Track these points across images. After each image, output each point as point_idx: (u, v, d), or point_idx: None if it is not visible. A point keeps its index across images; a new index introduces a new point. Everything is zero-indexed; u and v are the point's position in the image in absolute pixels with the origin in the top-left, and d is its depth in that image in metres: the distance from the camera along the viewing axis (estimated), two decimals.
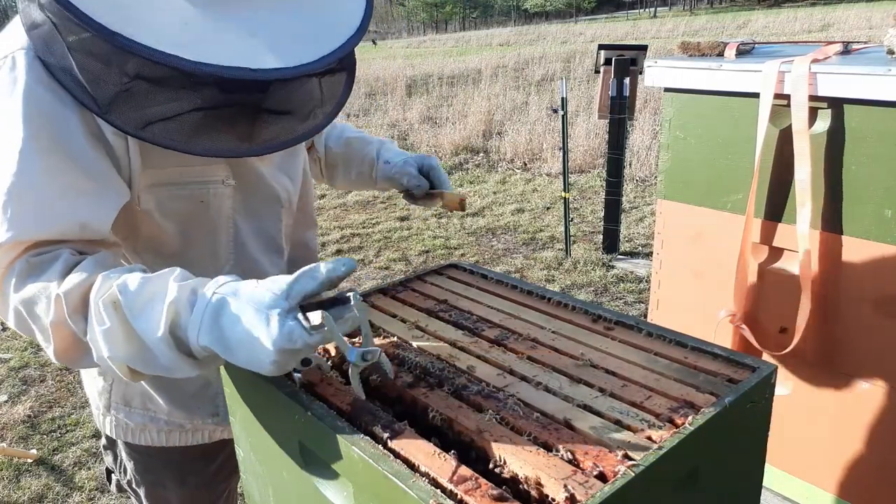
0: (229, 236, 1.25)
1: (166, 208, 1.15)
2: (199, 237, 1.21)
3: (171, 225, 1.17)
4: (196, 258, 1.21)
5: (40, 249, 0.99)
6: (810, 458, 1.79)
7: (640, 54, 4.58)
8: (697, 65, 1.77)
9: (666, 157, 1.92)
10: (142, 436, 1.33)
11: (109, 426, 1.35)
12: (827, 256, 1.64)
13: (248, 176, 1.24)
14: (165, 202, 1.15)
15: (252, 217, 1.27)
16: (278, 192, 1.29)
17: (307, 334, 0.82)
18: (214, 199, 1.20)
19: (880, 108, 1.49)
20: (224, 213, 1.22)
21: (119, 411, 1.33)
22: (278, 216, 1.31)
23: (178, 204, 1.16)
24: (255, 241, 1.28)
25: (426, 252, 5.20)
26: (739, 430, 0.93)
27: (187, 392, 1.30)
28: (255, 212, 1.27)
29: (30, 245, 0.98)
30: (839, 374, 1.69)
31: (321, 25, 1.00)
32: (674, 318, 1.99)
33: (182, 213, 1.17)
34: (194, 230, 1.20)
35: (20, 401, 3.47)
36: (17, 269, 0.97)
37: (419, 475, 0.77)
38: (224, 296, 0.86)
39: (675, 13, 47.17)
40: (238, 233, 1.25)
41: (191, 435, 1.34)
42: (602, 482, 0.74)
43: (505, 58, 16.06)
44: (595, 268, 4.73)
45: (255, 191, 1.25)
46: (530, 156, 7.80)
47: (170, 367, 0.90)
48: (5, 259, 0.98)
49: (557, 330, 1.11)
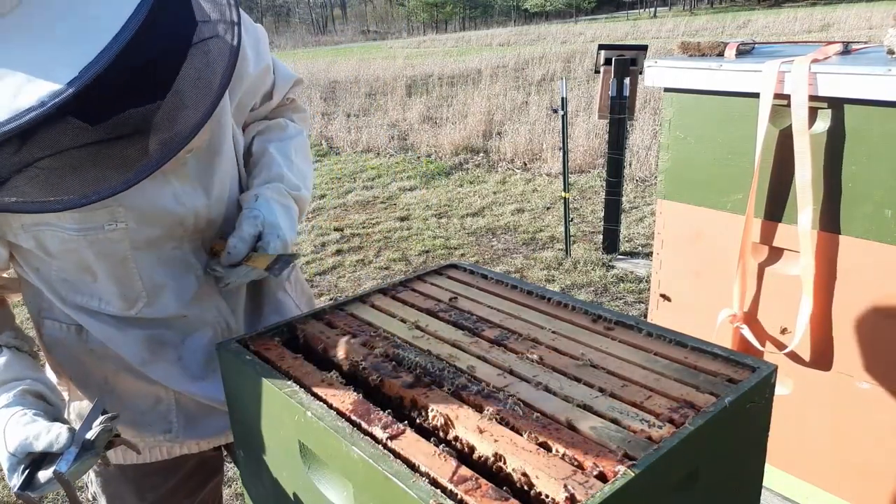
0: (133, 274, 1.13)
1: (51, 249, 1.07)
2: (102, 277, 1.12)
3: (65, 264, 1.10)
4: (109, 296, 1.15)
5: None
6: (810, 458, 1.79)
7: (640, 54, 4.58)
8: (697, 65, 1.77)
9: (666, 157, 1.92)
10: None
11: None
12: (827, 256, 1.64)
13: (144, 209, 1.09)
14: (47, 243, 1.06)
15: (153, 247, 1.14)
16: (182, 217, 1.13)
17: (20, 490, 0.96)
18: (99, 244, 1.07)
19: (880, 108, 1.49)
20: (119, 256, 1.10)
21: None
22: (179, 237, 1.16)
23: (61, 246, 1.07)
24: (164, 268, 1.16)
25: (426, 252, 5.20)
26: (739, 430, 0.93)
27: (138, 409, 1.25)
28: (154, 243, 1.13)
29: None
30: (839, 375, 1.69)
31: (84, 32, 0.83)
32: (674, 318, 1.99)
33: (71, 254, 1.08)
34: (95, 268, 1.11)
35: None
36: None
37: (419, 475, 0.77)
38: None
39: (675, 13, 47.16)
40: (142, 268, 1.13)
41: (148, 452, 1.28)
42: (602, 482, 0.74)
43: (505, 58, 16.06)
44: (595, 268, 4.73)
45: (153, 223, 1.11)
46: (530, 156, 7.80)
47: None
48: None
49: (557, 330, 1.11)
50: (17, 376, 1.07)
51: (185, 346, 1.22)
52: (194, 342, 1.23)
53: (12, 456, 0.96)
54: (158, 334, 1.20)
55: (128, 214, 1.07)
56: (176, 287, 1.18)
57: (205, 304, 1.22)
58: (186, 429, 1.27)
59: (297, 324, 1.18)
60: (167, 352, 1.21)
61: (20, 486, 0.96)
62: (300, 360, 1.05)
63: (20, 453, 0.96)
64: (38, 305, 1.21)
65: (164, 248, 1.15)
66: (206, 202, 1.16)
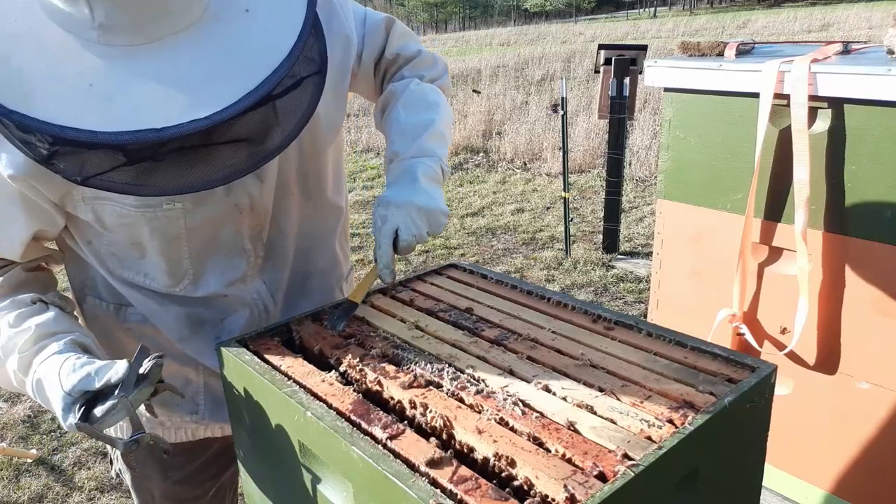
0: (184, 252, 1.18)
1: (107, 222, 1.11)
2: (152, 253, 1.16)
3: (119, 237, 1.14)
4: (155, 272, 1.19)
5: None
6: (810, 458, 1.79)
7: (640, 54, 4.58)
8: (697, 65, 1.77)
9: (666, 157, 1.92)
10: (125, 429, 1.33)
11: None
12: (827, 256, 1.64)
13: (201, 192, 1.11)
14: (105, 216, 1.10)
15: (208, 228, 1.18)
16: (237, 201, 1.18)
17: (77, 430, 0.97)
18: (157, 220, 1.12)
19: (880, 108, 1.49)
20: (172, 234, 1.14)
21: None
22: (236, 221, 1.20)
23: (119, 220, 1.11)
24: (214, 250, 1.20)
25: (426, 252, 5.20)
26: (739, 430, 0.93)
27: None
28: (210, 224, 1.18)
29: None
30: (839, 374, 1.69)
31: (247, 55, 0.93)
32: (674, 318, 1.99)
33: (126, 228, 1.12)
34: (146, 244, 1.15)
35: (20, 401, 3.47)
36: None
37: (419, 475, 0.77)
38: (40, 378, 1.03)
39: (675, 13, 47.17)
40: (193, 247, 1.18)
41: (172, 432, 1.34)
42: (602, 482, 0.74)
43: (505, 57, 16.06)
44: (595, 268, 4.73)
45: (210, 206, 1.15)
46: (530, 156, 7.80)
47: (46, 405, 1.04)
48: None
49: (557, 330, 1.11)
50: (66, 329, 1.10)
51: (223, 325, 1.27)
52: (232, 322, 1.27)
53: (67, 395, 0.97)
54: (198, 312, 1.24)
55: (185, 196, 1.11)
56: (223, 268, 1.22)
57: (247, 285, 1.26)
58: (212, 412, 1.32)
59: (296, 324, 1.18)
60: (205, 330, 1.26)
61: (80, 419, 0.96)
62: (300, 360, 1.05)
63: (77, 392, 0.97)
64: (82, 281, 1.27)
65: (219, 231, 1.19)
66: (260, 189, 1.19)
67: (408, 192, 1.20)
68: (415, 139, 1.29)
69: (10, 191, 1.05)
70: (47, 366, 1.02)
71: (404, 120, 1.31)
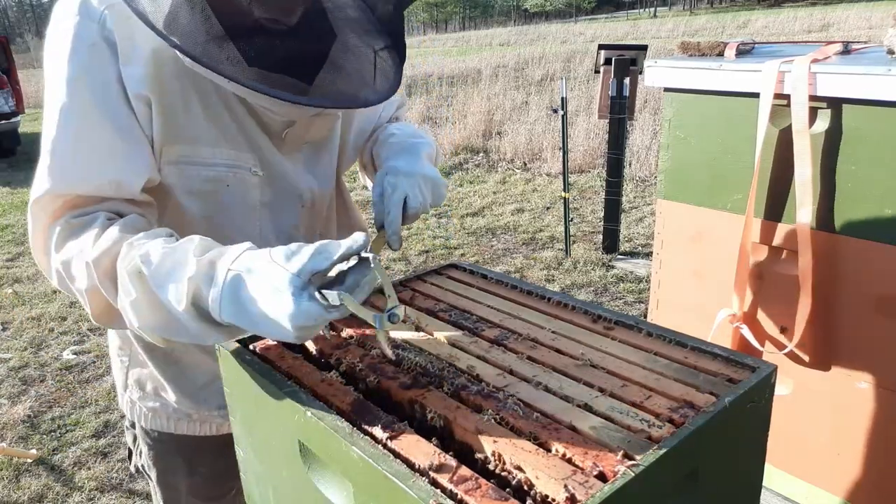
0: (254, 229, 1.22)
1: (190, 187, 1.14)
2: (225, 226, 1.19)
3: (196, 206, 1.16)
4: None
5: (79, 210, 1.03)
6: (810, 458, 1.79)
7: (640, 54, 4.58)
8: (697, 65, 1.77)
9: (666, 157, 1.92)
10: (153, 420, 1.36)
11: (126, 405, 1.38)
12: (827, 256, 1.64)
13: (275, 169, 1.22)
14: (190, 181, 1.14)
15: (274, 212, 1.24)
16: (302, 191, 1.26)
17: (325, 312, 0.82)
18: (241, 185, 1.17)
19: (880, 108, 1.49)
20: (249, 204, 1.20)
21: (134, 393, 1.36)
22: (297, 215, 1.28)
23: (203, 185, 1.15)
24: (275, 237, 1.26)
25: (426, 252, 5.20)
26: (739, 430, 0.93)
27: (196, 383, 1.32)
28: (277, 207, 1.24)
29: (68, 200, 1.03)
30: (839, 374, 1.69)
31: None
32: (674, 318, 1.99)
33: (206, 195, 1.16)
34: (220, 217, 1.19)
35: (20, 401, 3.47)
36: (58, 230, 1.02)
37: (419, 475, 0.77)
38: (239, 273, 0.85)
39: (675, 13, 47.16)
40: (262, 227, 1.23)
41: (198, 425, 1.35)
42: (602, 482, 0.73)
43: (505, 57, 16.06)
44: (595, 268, 4.74)
45: (279, 186, 1.23)
46: (530, 156, 7.80)
47: (199, 335, 0.91)
48: (45, 214, 1.03)
49: (557, 330, 1.11)
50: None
51: None
52: None
53: (296, 277, 0.82)
54: None
55: (266, 169, 1.19)
56: None
57: None
58: None
59: None
60: None
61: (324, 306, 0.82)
62: (300, 359, 1.05)
63: (307, 272, 0.83)
64: None
65: (281, 216, 1.25)
66: (316, 186, 1.29)
67: (413, 164, 1.24)
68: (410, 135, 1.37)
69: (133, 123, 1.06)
70: (247, 259, 0.87)
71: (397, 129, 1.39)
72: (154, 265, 0.91)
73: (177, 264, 0.90)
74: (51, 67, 1.04)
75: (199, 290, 0.88)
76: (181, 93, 1.10)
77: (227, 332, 0.93)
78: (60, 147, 1.02)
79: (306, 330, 0.84)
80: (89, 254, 0.97)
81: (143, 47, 1.05)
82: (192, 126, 1.11)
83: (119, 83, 1.04)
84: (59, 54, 1.03)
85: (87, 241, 0.99)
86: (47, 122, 1.04)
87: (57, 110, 1.02)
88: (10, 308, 4.63)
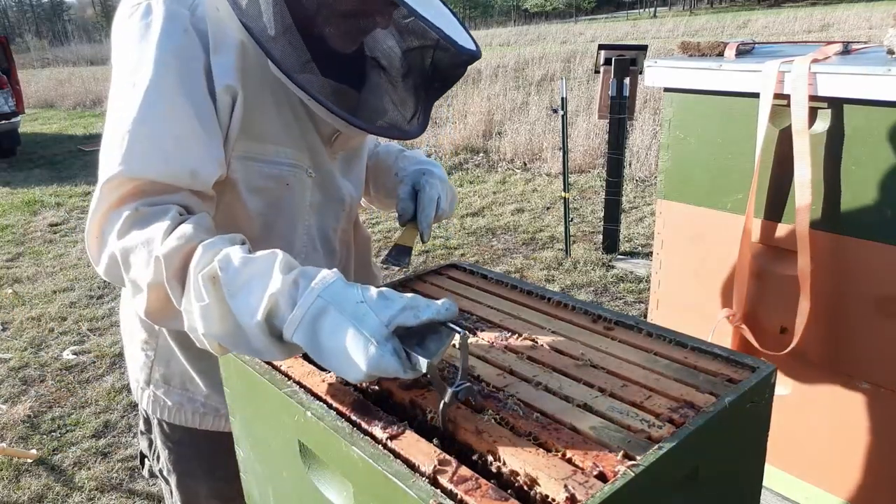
0: (305, 229, 1.25)
1: (253, 183, 1.15)
2: (278, 225, 1.21)
3: (254, 203, 1.17)
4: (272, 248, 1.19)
5: (151, 199, 0.99)
6: (810, 458, 1.79)
7: (640, 54, 4.58)
8: (697, 65, 1.77)
9: (666, 157, 1.92)
10: (177, 415, 1.33)
11: (147, 401, 1.35)
12: (827, 256, 1.64)
13: (325, 172, 1.25)
14: (253, 177, 1.15)
15: (320, 214, 1.28)
16: (343, 195, 1.30)
17: (402, 370, 0.81)
18: (298, 185, 1.20)
19: (880, 108, 1.49)
20: (303, 204, 1.23)
21: (158, 388, 1.33)
22: (338, 218, 1.32)
23: (265, 182, 1.16)
24: (320, 239, 1.29)
25: (426, 252, 5.20)
26: (739, 430, 0.93)
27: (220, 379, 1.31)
28: (323, 209, 1.28)
29: (139, 185, 0.98)
30: (839, 374, 1.69)
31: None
32: (674, 318, 1.99)
33: (266, 193, 1.17)
34: (275, 215, 1.20)
35: (20, 401, 3.47)
36: (126, 215, 0.96)
37: (419, 475, 0.77)
38: (328, 303, 0.83)
39: (675, 13, 47.16)
40: (311, 227, 1.26)
41: (224, 420, 1.33)
42: (602, 482, 0.73)
43: (505, 58, 16.05)
44: (595, 268, 4.74)
45: (327, 189, 1.27)
46: (530, 156, 7.80)
47: (261, 350, 0.89)
48: (112, 196, 0.98)
49: (557, 330, 1.11)
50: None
51: None
52: None
53: (384, 327, 0.80)
54: None
55: (318, 171, 1.23)
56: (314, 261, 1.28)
57: None
58: None
59: None
60: None
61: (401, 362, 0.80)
62: (300, 360, 1.05)
63: (394, 324, 0.81)
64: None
65: (326, 220, 1.29)
66: (354, 191, 1.34)
67: (443, 174, 1.38)
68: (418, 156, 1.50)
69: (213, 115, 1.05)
70: (338, 291, 0.84)
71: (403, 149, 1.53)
72: (232, 272, 0.88)
73: (257, 276, 0.87)
74: (132, 48, 1.02)
75: (278, 307, 0.85)
76: (261, 89, 1.11)
77: (288, 351, 0.90)
78: (141, 129, 0.98)
79: (375, 376, 0.83)
80: (159, 248, 0.92)
81: (233, 38, 1.06)
82: (264, 122, 1.13)
83: (205, 73, 1.03)
84: (146, 36, 1.01)
85: (157, 234, 0.94)
86: (124, 103, 1.00)
87: (142, 91, 0.98)
88: (10, 308, 4.63)
